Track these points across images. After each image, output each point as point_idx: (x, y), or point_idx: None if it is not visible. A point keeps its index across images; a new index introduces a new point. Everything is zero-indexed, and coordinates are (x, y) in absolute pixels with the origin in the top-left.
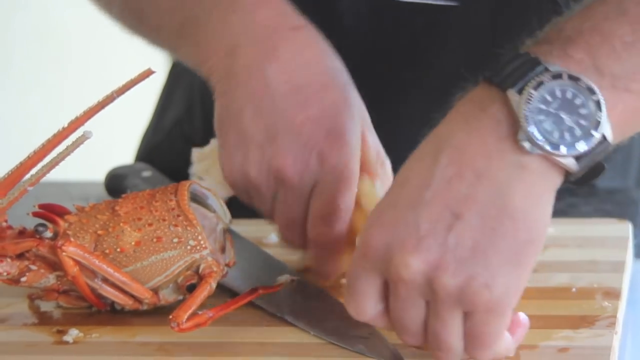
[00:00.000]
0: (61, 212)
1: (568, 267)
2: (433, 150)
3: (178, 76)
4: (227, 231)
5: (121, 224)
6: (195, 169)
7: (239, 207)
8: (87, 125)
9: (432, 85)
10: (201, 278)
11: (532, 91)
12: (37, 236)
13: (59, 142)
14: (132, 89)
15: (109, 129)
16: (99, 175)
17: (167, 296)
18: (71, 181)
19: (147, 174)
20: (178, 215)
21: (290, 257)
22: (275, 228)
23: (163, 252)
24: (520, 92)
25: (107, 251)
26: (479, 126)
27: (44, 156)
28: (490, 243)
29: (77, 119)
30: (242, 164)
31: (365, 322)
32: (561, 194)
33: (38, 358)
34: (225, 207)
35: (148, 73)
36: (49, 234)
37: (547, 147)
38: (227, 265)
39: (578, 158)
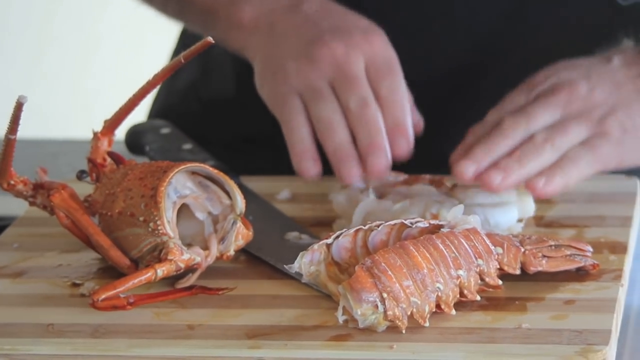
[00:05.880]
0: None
1: (576, 222)
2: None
3: (188, 40)
4: (237, 223)
5: (118, 190)
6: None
7: (252, 161)
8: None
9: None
10: (161, 262)
11: None
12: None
13: (146, 94)
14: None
15: (123, 90)
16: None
17: None
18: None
19: (165, 130)
20: (151, 196)
21: (300, 214)
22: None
23: (133, 227)
24: None
25: (109, 213)
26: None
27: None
28: None
29: (155, 76)
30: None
31: None
32: None
33: (54, 310)
34: (240, 198)
35: (207, 42)
36: (89, 180)
37: None
38: (220, 257)
39: None
